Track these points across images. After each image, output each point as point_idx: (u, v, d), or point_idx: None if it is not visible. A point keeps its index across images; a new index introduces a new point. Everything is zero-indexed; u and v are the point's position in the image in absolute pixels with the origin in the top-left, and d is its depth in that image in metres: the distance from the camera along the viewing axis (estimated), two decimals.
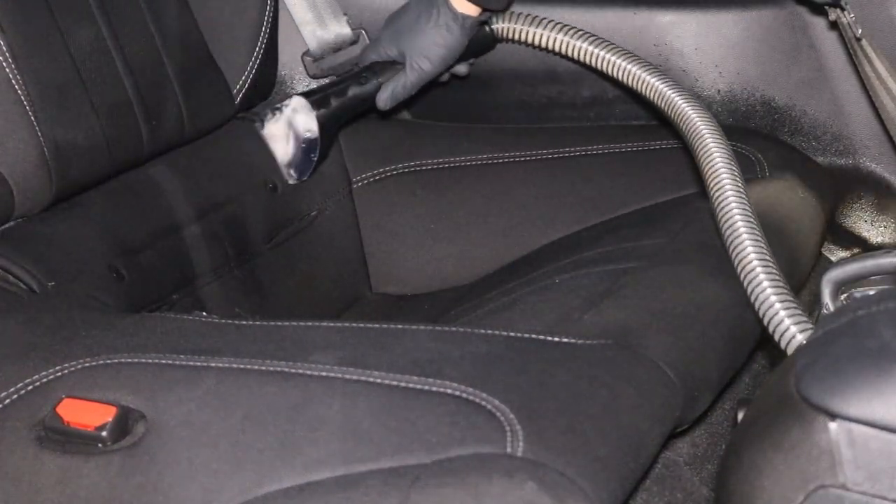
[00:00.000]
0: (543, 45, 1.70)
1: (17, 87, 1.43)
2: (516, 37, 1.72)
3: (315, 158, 1.70)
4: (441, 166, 1.77)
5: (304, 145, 1.70)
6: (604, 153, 1.73)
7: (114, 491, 1.09)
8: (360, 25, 1.90)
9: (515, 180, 1.74)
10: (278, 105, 1.70)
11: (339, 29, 1.88)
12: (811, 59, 1.77)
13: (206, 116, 1.67)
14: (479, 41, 1.74)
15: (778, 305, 1.27)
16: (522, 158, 1.76)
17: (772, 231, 1.50)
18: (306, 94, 1.71)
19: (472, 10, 1.63)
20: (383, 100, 1.70)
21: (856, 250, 1.82)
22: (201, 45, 1.69)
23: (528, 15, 1.72)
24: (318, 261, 1.73)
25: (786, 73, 1.79)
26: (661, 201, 1.65)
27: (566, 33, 1.67)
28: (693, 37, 1.80)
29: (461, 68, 1.76)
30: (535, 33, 1.70)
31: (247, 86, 1.74)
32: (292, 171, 1.70)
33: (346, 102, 1.71)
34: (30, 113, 1.43)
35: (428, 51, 1.65)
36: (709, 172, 1.40)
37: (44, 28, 1.47)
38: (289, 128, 1.70)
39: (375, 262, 1.78)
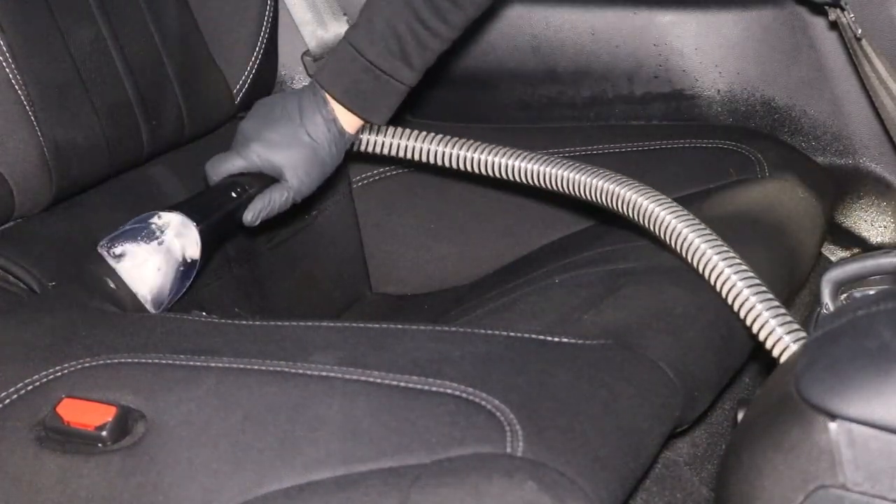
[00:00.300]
0: (409, 156, 1.55)
1: (17, 87, 1.43)
2: (380, 150, 1.56)
3: (188, 284, 1.40)
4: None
5: (182, 269, 1.38)
6: (604, 153, 1.73)
7: (114, 491, 1.09)
8: None
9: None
10: (144, 228, 1.37)
11: (339, 29, 1.89)
12: (811, 59, 1.77)
13: (206, 116, 1.67)
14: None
15: (766, 314, 1.27)
16: None
17: (772, 231, 1.50)
18: (178, 208, 1.40)
19: (354, 126, 1.48)
20: (251, 217, 1.45)
21: (856, 250, 1.82)
22: (201, 45, 1.69)
23: (392, 127, 1.56)
24: (318, 261, 1.73)
25: (786, 73, 1.79)
26: None
27: (430, 141, 1.54)
28: (693, 37, 1.80)
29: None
30: (399, 144, 1.54)
31: (247, 86, 1.74)
32: (160, 302, 1.37)
33: (224, 216, 1.43)
34: (30, 113, 1.43)
35: (311, 169, 1.46)
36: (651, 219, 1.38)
37: (44, 28, 1.47)
38: (161, 253, 1.36)
39: (375, 262, 1.78)
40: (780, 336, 1.26)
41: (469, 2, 1.43)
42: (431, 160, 1.53)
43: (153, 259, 1.34)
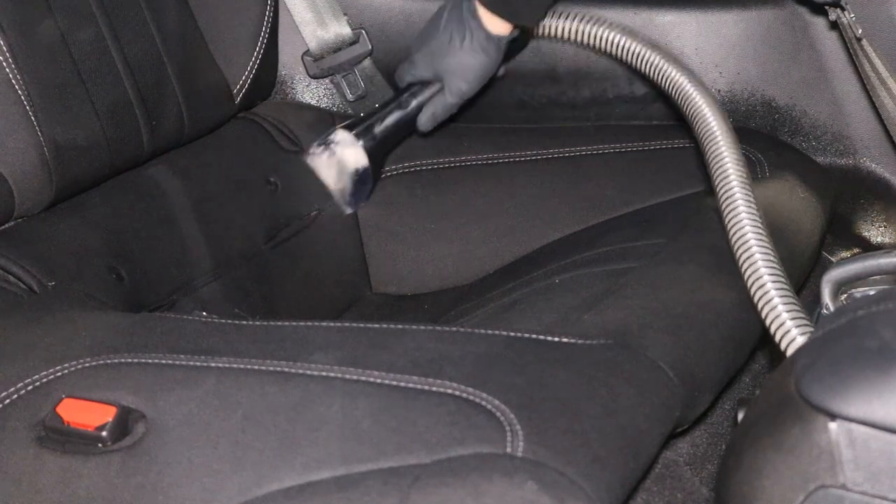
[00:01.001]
0: (574, 38, 1.64)
1: (17, 87, 1.43)
2: (550, 33, 1.65)
3: (369, 188, 1.68)
4: (441, 166, 1.77)
5: (355, 178, 1.67)
6: (604, 153, 1.73)
7: (114, 491, 1.09)
8: (360, 25, 1.90)
9: (515, 180, 1.74)
10: (324, 139, 1.67)
11: (339, 29, 1.89)
12: (811, 59, 1.77)
13: (206, 116, 1.67)
14: (516, 44, 1.69)
15: (781, 307, 1.27)
16: (522, 158, 1.76)
17: (772, 231, 1.50)
18: (349, 126, 1.67)
19: (505, 29, 1.58)
20: (424, 122, 1.66)
21: (856, 250, 1.81)
22: (201, 45, 1.69)
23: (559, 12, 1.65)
24: (318, 261, 1.73)
25: (786, 73, 1.79)
26: (661, 201, 1.65)
27: (592, 24, 1.61)
28: (693, 37, 1.80)
29: (499, 71, 1.73)
30: (565, 28, 1.63)
31: (247, 86, 1.74)
32: (347, 202, 1.69)
33: (389, 129, 1.67)
34: (30, 113, 1.43)
35: (466, 73, 1.61)
36: (717, 171, 1.39)
37: (44, 28, 1.47)
38: (337, 161, 1.66)
39: (375, 262, 1.78)
40: (789, 328, 1.25)
41: None
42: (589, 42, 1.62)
43: (329, 168, 1.67)
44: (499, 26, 1.57)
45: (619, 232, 1.57)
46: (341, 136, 1.66)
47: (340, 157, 1.65)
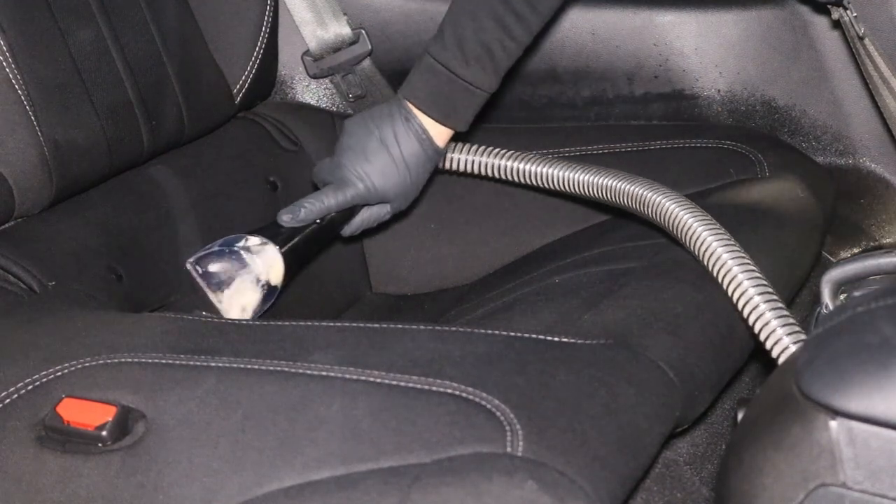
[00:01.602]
0: (492, 174, 1.61)
1: (17, 87, 1.43)
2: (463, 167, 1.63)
3: (269, 306, 1.46)
4: (441, 166, 1.77)
5: (265, 293, 1.44)
6: (604, 153, 1.73)
7: (114, 490, 1.09)
8: (360, 25, 1.90)
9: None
10: (233, 252, 1.43)
11: (339, 29, 1.89)
12: (811, 59, 1.77)
13: (206, 116, 1.68)
14: None
15: (769, 314, 1.27)
16: None
17: (772, 231, 1.50)
18: (262, 233, 1.45)
19: (443, 140, 1.53)
20: (352, 230, 1.55)
21: (856, 250, 1.81)
22: (201, 45, 1.69)
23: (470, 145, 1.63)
24: (318, 261, 1.72)
25: (786, 73, 1.79)
26: None
27: (514, 160, 1.59)
28: (693, 37, 1.80)
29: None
30: (481, 163, 1.61)
31: (247, 86, 1.74)
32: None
33: (306, 240, 1.47)
34: (30, 113, 1.43)
35: (408, 194, 1.53)
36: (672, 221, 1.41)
37: (44, 28, 1.47)
38: (250, 279, 1.42)
39: (375, 262, 1.78)
40: (781, 336, 1.26)
41: (544, 4, 1.48)
42: (509, 176, 1.60)
43: (246, 287, 1.41)
44: (438, 135, 1.52)
45: (619, 232, 1.57)
46: (256, 241, 1.44)
47: (254, 269, 1.42)
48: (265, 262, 1.42)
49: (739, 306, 1.30)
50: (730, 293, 1.31)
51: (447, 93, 1.50)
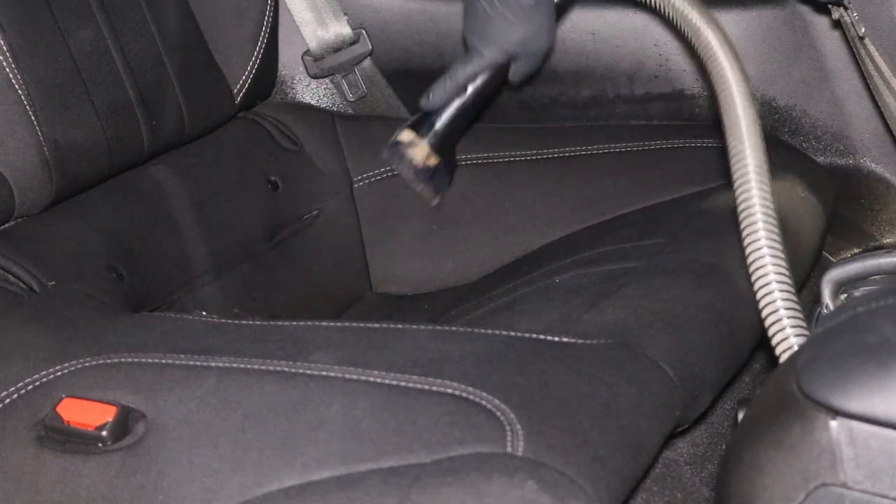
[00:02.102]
0: None
1: (17, 87, 1.43)
2: None
3: (447, 178, 1.71)
4: None
5: (429, 174, 1.68)
6: (604, 153, 1.73)
7: (114, 490, 1.09)
8: (360, 25, 1.90)
9: (515, 180, 1.74)
10: (393, 141, 1.68)
11: (340, 29, 1.89)
12: (811, 59, 1.77)
13: (206, 116, 1.68)
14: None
15: (783, 312, 1.26)
16: (522, 158, 1.76)
17: None
18: (413, 125, 1.67)
19: None
20: (520, 74, 1.61)
21: (856, 250, 1.81)
22: (201, 45, 1.69)
23: None
24: (318, 260, 1.73)
25: (786, 73, 1.79)
26: (661, 201, 1.65)
27: None
28: None
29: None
30: None
31: (247, 86, 1.74)
32: (430, 195, 1.72)
33: (451, 120, 1.67)
34: (30, 113, 1.43)
35: (538, 41, 1.57)
36: (737, 168, 1.35)
37: (44, 28, 1.47)
38: (409, 161, 1.67)
39: (375, 262, 1.78)
40: (788, 334, 1.25)
41: None
42: None
43: (404, 168, 1.68)
44: None
45: (619, 232, 1.57)
46: (406, 135, 1.67)
47: (410, 157, 1.67)
48: (416, 152, 1.66)
49: (756, 292, 1.27)
50: (752, 276, 1.28)
51: None
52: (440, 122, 1.66)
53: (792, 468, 0.89)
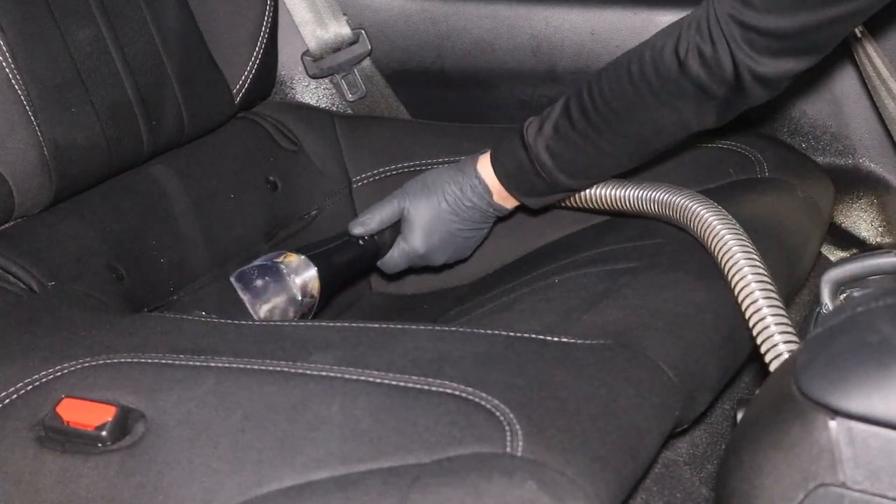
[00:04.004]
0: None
1: (17, 87, 1.43)
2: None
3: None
4: (441, 166, 1.77)
5: (301, 309, 1.50)
6: None
7: (114, 490, 1.09)
8: (360, 25, 1.90)
9: None
10: (272, 267, 1.49)
11: (339, 29, 1.89)
12: None
13: (205, 116, 1.67)
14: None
15: (771, 323, 1.26)
16: None
17: (772, 231, 1.50)
18: (302, 251, 1.51)
19: (510, 205, 1.55)
20: (390, 266, 1.60)
21: (855, 250, 1.81)
22: (201, 45, 1.69)
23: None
24: None
25: None
26: None
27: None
28: None
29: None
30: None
31: (247, 86, 1.74)
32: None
33: (345, 263, 1.55)
34: (30, 113, 1.43)
35: (464, 252, 1.60)
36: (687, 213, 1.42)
37: (44, 28, 1.47)
38: (285, 295, 1.48)
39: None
40: (776, 342, 1.25)
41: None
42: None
43: (281, 303, 1.47)
44: (506, 200, 1.55)
45: (619, 232, 1.57)
46: (293, 259, 1.49)
47: (291, 289, 1.48)
48: (302, 278, 1.48)
49: (742, 305, 1.30)
50: (735, 291, 1.31)
51: (528, 177, 1.50)
52: (338, 260, 1.53)
53: (791, 468, 0.89)
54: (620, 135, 1.42)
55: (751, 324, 1.29)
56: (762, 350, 1.27)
